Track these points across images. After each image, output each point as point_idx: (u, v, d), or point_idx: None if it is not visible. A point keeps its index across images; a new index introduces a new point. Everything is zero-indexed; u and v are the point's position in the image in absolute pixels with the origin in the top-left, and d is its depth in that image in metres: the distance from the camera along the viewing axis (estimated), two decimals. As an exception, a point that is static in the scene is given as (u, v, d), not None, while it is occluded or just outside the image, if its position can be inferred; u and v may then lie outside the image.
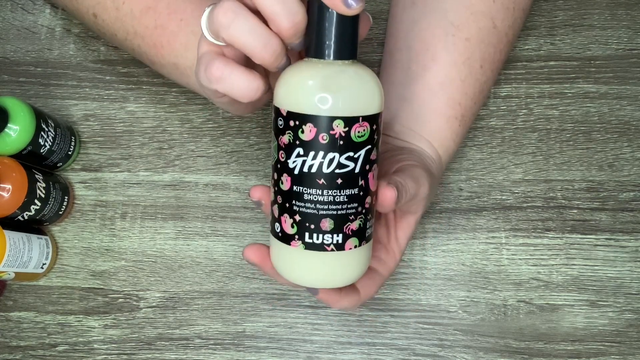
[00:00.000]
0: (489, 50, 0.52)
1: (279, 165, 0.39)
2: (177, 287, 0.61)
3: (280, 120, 0.38)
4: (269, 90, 0.39)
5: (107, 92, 0.65)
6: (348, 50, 0.38)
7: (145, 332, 0.61)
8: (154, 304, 0.61)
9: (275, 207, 0.40)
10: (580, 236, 0.60)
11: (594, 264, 0.60)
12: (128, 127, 0.64)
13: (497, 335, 0.59)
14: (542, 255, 0.60)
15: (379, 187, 0.40)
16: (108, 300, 0.61)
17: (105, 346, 0.60)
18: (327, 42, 0.37)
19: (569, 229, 0.60)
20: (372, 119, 0.38)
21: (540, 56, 0.64)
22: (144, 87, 0.65)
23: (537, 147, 0.62)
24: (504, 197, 0.61)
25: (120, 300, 0.61)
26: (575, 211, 0.61)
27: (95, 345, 0.61)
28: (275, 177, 0.39)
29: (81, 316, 0.61)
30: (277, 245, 0.41)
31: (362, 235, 0.40)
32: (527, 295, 0.59)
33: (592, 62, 0.63)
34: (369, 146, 0.38)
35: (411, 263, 0.60)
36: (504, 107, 0.63)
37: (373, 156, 0.39)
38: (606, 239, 0.60)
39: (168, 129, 0.64)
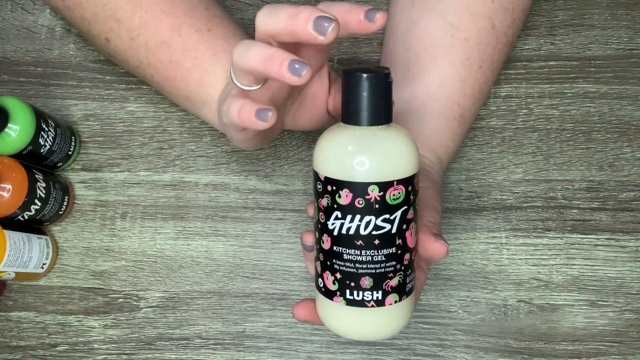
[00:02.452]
0: (488, 50, 0.52)
1: (319, 226, 0.40)
2: (177, 287, 0.61)
3: (319, 184, 0.39)
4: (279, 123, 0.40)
5: (107, 92, 0.65)
6: (381, 115, 0.38)
7: (145, 332, 0.61)
8: (154, 304, 0.61)
9: (318, 263, 0.42)
10: (580, 236, 0.60)
11: (594, 264, 0.60)
12: (128, 127, 0.64)
13: (497, 335, 0.59)
14: (542, 255, 0.60)
15: (427, 243, 0.41)
16: (108, 300, 0.61)
17: (105, 346, 0.60)
18: (359, 109, 0.38)
19: (569, 229, 0.60)
20: (407, 181, 0.39)
21: (540, 56, 0.63)
22: (144, 87, 0.65)
23: (537, 147, 0.62)
24: (504, 197, 0.61)
25: (120, 300, 0.61)
26: (575, 211, 0.61)
27: (95, 345, 0.61)
28: (317, 235, 0.41)
29: (81, 316, 0.61)
30: (321, 299, 0.42)
31: (402, 290, 0.41)
32: (527, 295, 0.59)
33: (592, 62, 0.63)
34: (405, 207, 0.39)
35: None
36: (504, 107, 0.63)
37: (410, 215, 0.40)
38: (606, 238, 0.60)
39: (168, 129, 0.64)
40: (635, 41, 0.63)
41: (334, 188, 0.38)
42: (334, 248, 0.40)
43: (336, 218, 0.39)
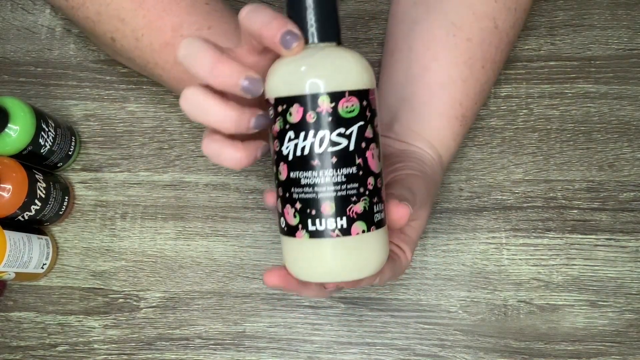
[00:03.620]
0: (490, 50, 0.52)
1: (275, 157, 0.39)
2: (177, 287, 0.61)
3: (271, 110, 0.38)
4: (258, 154, 0.40)
5: (107, 92, 0.65)
6: (328, 32, 0.38)
7: (145, 332, 0.61)
8: (154, 304, 0.61)
9: (279, 201, 0.39)
10: (580, 236, 0.60)
11: (594, 264, 0.60)
12: (128, 127, 0.64)
13: (497, 335, 0.59)
14: (542, 255, 0.60)
15: (390, 206, 0.39)
16: (108, 300, 0.61)
17: (106, 346, 0.60)
18: (306, 26, 0.37)
19: (569, 229, 0.60)
20: (361, 95, 0.37)
21: (540, 56, 0.64)
22: (144, 87, 0.65)
23: (537, 147, 0.62)
24: (504, 197, 0.61)
25: (121, 300, 0.61)
26: (575, 211, 0.61)
27: (95, 346, 0.61)
28: (274, 170, 0.39)
29: (81, 316, 0.61)
30: (285, 244, 0.40)
31: (369, 219, 0.38)
32: (527, 296, 0.59)
33: (592, 62, 0.63)
34: (362, 122, 0.37)
35: (411, 263, 0.60)
36: (504, 107, 0.63)
37: (368, 134, 0.38)
38: (606, 239, 0.60)
39: (168, 129, 0.64)
40: (635, 41, 0.63)
41: (285, 107, 0.37)
42: (291, 175, 0.38)
43: (289, 139, 0.37)
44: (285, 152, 0.38)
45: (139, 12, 0.51)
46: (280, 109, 0.37)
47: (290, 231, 0.39)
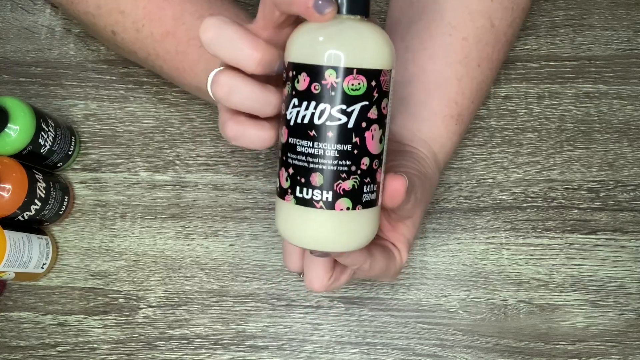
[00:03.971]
0: (486, 49, 0.52)
1: (281, 119, 0.39)
2: (177, 287, 0.61)
3: (284, 73, 0.38)
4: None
5: (107, 92, 0.65)
6: (355, 4, 0.37)
7: (145, 332, 0.61)
8: (154, 304, 0.61)
9: (278, 162, 0.40)
10: (580, 236, 0.60)
11: (594, 264, 0.60)
12: (128, 127, 0.64)
13: (497, 335, 0.59)
14: (542, 255, 0.60)
15: (386, 178, 0.39)
16: (108, 300, 0.61)
17: (105, 346, 0.60)
18: None
19: (569, 229, 0.60)
20: (371, 75, 0.37)
21: (540, 56, 0.63)
22: (144, 87, 0.65)
23: (537, 147, 0.62)
24: (504, 197, 0.61)
25: (120, 300, 0.61)
26: (575, 211, 0.61)
27: (95, 345, 0.61)
28: (279, 132, 0.39)
29: (81, 316, 0.61)
30: (276, 203, 0.40)
31: (357, 198, 0.38)
32: (527, 295, 0.59)
33: (592, 62, 0.63)
34: (366, 102, 0.37)
35: (411, 263, 0.60)
36: (504, 107, 0.63)
37: (372, 115, 0.37)
38: (606, 239, 0.60)
39: (168, 129, 0.64)
40: (635, 41, 0.63)
41: (294, 73, 0.37)
42: (289, 140, 0.38)
43: (293, 106, 0.37)
44: (288, 116, 0.38)
45: (139, 3, 0.51)
46: (290, 74, 0.37)
47: (281, 193, 0.39)
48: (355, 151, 0.37)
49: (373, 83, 0.37)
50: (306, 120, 0.37)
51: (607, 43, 0.63)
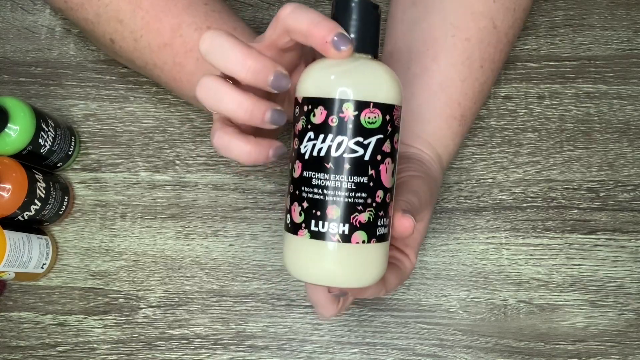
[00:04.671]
0: (489, 50, 0.52)
1: (293, 154, 0.39)
2: (177, 287, 0.61)
3: (297, 108, 0.39)
4: (270, 154, 0.40)
5: (107, 92, 0.65)
6: (366, 44, 0.39)
7: (145, 332, 0.61)
8: (154, 304, 0.61)
9: (288, 198, 0.40)
10: (580, 236, 0.60)
11: (594, 264, 0.60)
12: (128, 127, 0.64)
13: (497, 335, 0.59)
14: (542, 255, 0.60)
15: (394, 217, 0.40)
16: (108, 300, 0.61)
17: (105, 346, 0.60)
18: (348, 34, 0.38)
19: (569, 229, 0.60)
20: (385, 109, 0.38)
21: (540, 56, 0.64)
22: (144, 87, 0.65)
23: (537, 147, 0.62)
24: (504, 197, 0.61)
25: (120, 300, 0.61)
26: (575, 211, 0.61)
27: (95, 345, 0.61)
28: (290, 167, 0.40)
29: (81, 316, 0.61)
30: (286, 239, 0.40)
31: (371, 231, 0.38)
32: (527, 295, 0.59)
33: (592, 62, 0.63)
34: (381, 135, 0.38)
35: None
36: (504, 107, 0.63)
37: (386, 148, 0.38)
38: (606, 239, 0.60)
39: (168, 129, 0.64)
40: (635, 41, 0.63)
41: (310, 107, 0.38)
42: (304, 174, 0.38)
43: (309, 139, 0.38)
44: (302, 150, 0.38)
45: (137, 13, 0.51)
46: (305, 108, 0.38)
47: (294, 228, 0.39)
48: (371, 183, 0.38)
49: (387, 117, 0.38)
50: (322, 153, 0.38)
51: (607, 43, 0.63)
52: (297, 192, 0.39)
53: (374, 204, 0.38)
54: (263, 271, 0.61)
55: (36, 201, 0.57)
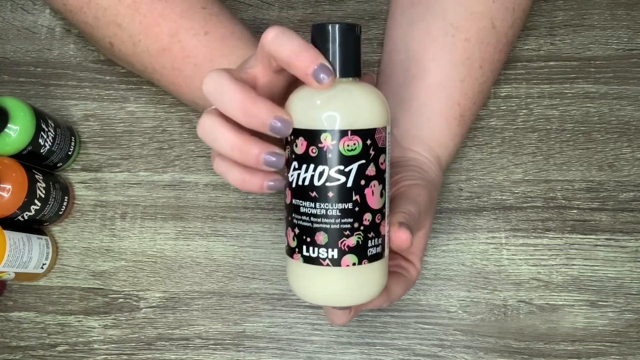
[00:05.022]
0: (488, 50, 0.52)
1: (285, 181, 0.40)
2: (177, 287, 0.61)
3: (284, 138, 0.40)
4: (265, 185, 0.40)
5: (107, 92, 0.65)
6: (347, 68, 0.38)
7: (145, 332, 0.61)
8: (154, 304, 0.61)
9: (284, 222, 0.41)
10: (580, 236, 0.60)
11: (594, 264, 0.60)
12: (128, 127, 0.64)
13: (497, 335, 0.59)
14: (542, 255, 0.60)
15: (390, 230, 0.40)
16: (108, 300, 0.61)
17: (105, 346, 0.60)
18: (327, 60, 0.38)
19: (569, 229, 0.60)
20: (365, 134, 0.38)
21: (540, 56, 0.63)
22: (144, 87, 0.65)
23: (537, 147, 0.62)
24: (504, 197, 0.61)
25: (120, 300, 0.61)
26: (575, 211, 0.61)
27: (95, 346, 0.61)
28: (284, 192, 0.41)
29: (81, 316, 0.61)
30: (287, 262, 0.42)
31: (361, 253, 0.39)
32: (527, 296, 0.59)
33: (592, 62, 0.63)
34: (363, 161, 0.38)
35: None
36: (504, 107, 0.63)
37: (370, 172, 0.39)
38: (606, 239, 0.60)
39: (168, 129, 0.64)
40: (635, 41, 0.63)
41: (292, 137, 0.38)
42: (293, 201, 0.39)
43: (294, 169, 0.39)
44: (290, 179, 0.39)
45: (135, 17, 0.51)
46: (289, 138, 0.39)
47: (290, 252, 0.41)
48: (357, 208, 0.39)
49: (368, 142, 0.38)
50: (307, 182, 0.38)
51: (607, 43, 0.63)
52: (289, 218, 0.40)
53: (362, 227, 0.39)
54: (263, 271, 0.61)
55: (36, 201, 0.57)
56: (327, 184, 0.38)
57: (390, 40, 0.55)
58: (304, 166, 0.38)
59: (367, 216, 0.39)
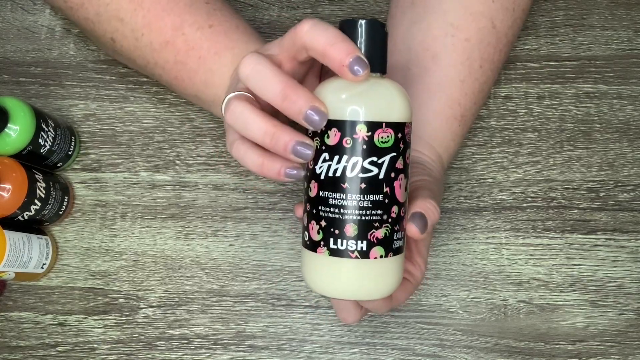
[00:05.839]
0: (488, 50, 0.52)
1: (308, 174, 0.40)
2: (177, 287, 0.61)
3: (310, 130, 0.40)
4: (282, 172, 0.41)
5: (107, 92, 0.65)
6: (375, 63, 0.39)
7: (145, 332, 0.61)
8: (154, 304, 0.61)
9: (305, 215, 0.41)
10: (580, 236, 0.60)
11: (594, 264, 0.60)
12: (128, 127, 0.64)
13: (497, 335, 0.59)
14: (542, 255, 0.60)
15: (419, 202, 0.41)
16: (108, 300, 0.61)
17: (105, 346, 0.60)
18: None
19: (569, 229, 0.60)
20: (397, 127, 0.39)
21: (540, 56, 0.64)
22: (144, 87, 0.65)
23: (537, 147, 0.62)
24: (504, 197, 0.61)
25: (120, 300, 0.61)
26: (575, 211, 0.61)
27: (95, 345, 0.61)
28: (305, 185, 0.41)
29: (81, 316, 0.61)
30: (305, 255, 0.42)
31: (388, 246, 0.40)
32: (527, 295, 0.59)
33: (592, 62, 0.63)
34: (394, 154, 0.39)
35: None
36: (504, 107, 0.63)
37: (399, 165, 0.39)
38: (606, 239, 0.60)
39: (168, 129, 0.64)
40: (635, 41, 0.63)
41: (324, 129, 0.39)
42: (320, 193, 0.39)
43: (324, 160, 0.39)
44: (318, 171, 0.39)
45: (138, 12, 0.51)
46: (319, 130, 0.39)
47: (312, 246, 0.40)
48: (386, 200, 0.39)
49: (399, 135, 0.39)
50: (338, 174, 0.39)
51: (607, 43, 0.63)
52: (314, 211, 0.40)
53: (390, 220, 0.39)
54: (263, 271, 0.61)
55: (36, 201, 0.57)
56: (360, 175, 0.38)
57: (390, 40, 0.55)
58: (336, 157, 0.38)
59: (394, 209, 0.40)
